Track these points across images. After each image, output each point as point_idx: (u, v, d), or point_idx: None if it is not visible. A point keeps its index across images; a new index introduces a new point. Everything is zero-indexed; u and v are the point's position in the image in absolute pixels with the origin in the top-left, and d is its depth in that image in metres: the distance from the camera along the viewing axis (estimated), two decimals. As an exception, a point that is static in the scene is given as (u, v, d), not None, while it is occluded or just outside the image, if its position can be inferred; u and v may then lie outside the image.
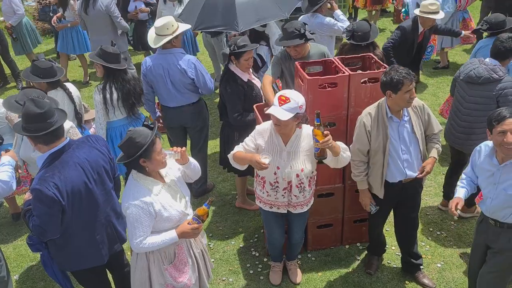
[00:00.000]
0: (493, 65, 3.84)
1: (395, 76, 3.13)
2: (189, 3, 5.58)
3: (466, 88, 3.96)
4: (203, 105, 4.76)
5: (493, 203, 2.93)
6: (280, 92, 3.03)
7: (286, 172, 3.18)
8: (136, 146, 2.62)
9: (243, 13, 4.59)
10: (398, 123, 3.34)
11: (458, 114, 4.08)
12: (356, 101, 3.63)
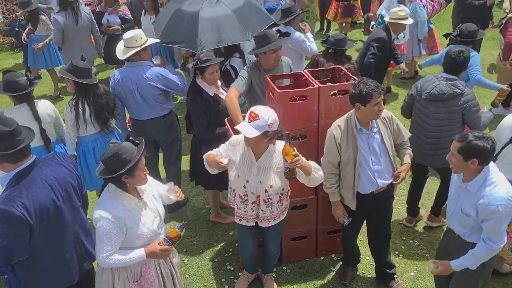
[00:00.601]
0: (452, 79, 3.89)
1: (364, 89, 3.16)
2: (161, 13, 5.55)
3: (429, 106, 3.96)
4: (174, 118, 4.73)
5: (451, 217, 3.01)
6: (252, 108, 3.03)
7: (255, 186, 3.17)
8: (121, 162, 2.60)
9: (205, 32, 4.55)
10: (367, 135, 3.38)
11: (423, 132, 4.07)
12: (326, 113, 3.67)
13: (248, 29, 4.52)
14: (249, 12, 4.64)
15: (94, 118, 4.17)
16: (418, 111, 4.10)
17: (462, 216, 2.91)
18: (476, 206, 2.77)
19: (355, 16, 9.13)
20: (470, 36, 4.81)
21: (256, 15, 4.67)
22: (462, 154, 2.71)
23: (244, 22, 4.56)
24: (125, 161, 2.59)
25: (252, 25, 4.58)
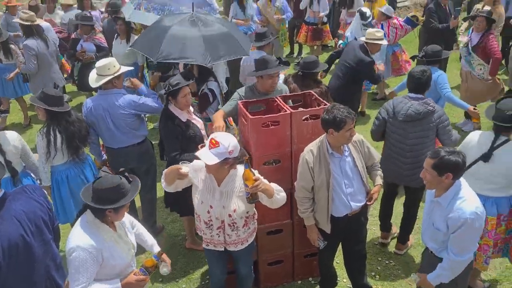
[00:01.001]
0: (422, 98, 4.02)
1: (338, 115, 3.22)
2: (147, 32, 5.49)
3: (406, 127, 4.04)
4: (148, 145, 4.70)
5: (424, 232, 3.10)
6: (213, 135, 3.04)
7: (219, 211, 3.16)
8: (118, 195, 2.62)
9: (168, 45, 4.58)
10: (339, 158, 3.44)
11: (401, 153, 4.13)
12: (298, 138, 3.71)
13: (211, 55, 4.55)
14: (220, 40, 4.67)
15: (66, 146, 4.12)
16: (392, 133, 4.17)
17: (434, 231, 2.99)
18: (447, 220, 2.87)
19: (324, 39, 9.33)
20: (435, 56, 5.01)
21: (227, 45, 4.70)
22: (436, 169, 2.82)
23: (210, 47, 4.59)
24: (121, 195, 2.61)
25: (217, 52, 4.61)
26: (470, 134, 3.74)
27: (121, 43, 6.74)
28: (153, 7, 5.78)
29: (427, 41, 7.12)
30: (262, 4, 8.29)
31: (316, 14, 8.95)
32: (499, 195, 3.57)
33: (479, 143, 3.59)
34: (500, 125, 3.45)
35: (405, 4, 12.93)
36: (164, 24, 4.78)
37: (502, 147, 3.45)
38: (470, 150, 3.60)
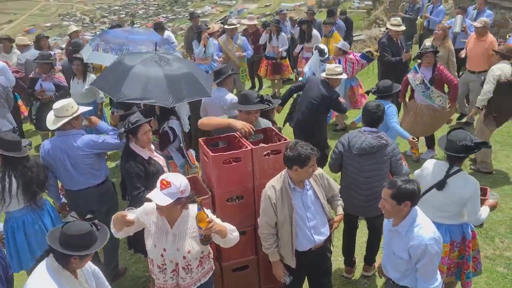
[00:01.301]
0: (376, 132, 4.15)
1: (303, 152, 3.27)
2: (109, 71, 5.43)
3: (361, 160, 4.15)
4: (109, 185, 4.61)
5: (386, 262, 3.15)
6: (163, 176, 2.99)
7: (173, 254, 3.09)
8: (88, 242, 2.59)
9: (130, 85, 4.54)
10: (301, 193, 3.48)
11: (358, 185, 4.22)
12: (260, 174, 3.74)
13: (173, 96, 4.55)
14: (183, 80, 4.69)
15: (22, 191, 3.99)
16: (348, 166, 4.27)
17: (395, 259, 3.04)
18: (408, 248, 2.93)
19: (283, 73, 9.57)
20: (387, 91, 5.26)
21: (190, 86, 4.73)
22: (395, 199, 2.90)
23: (172, 88, 4.57)
24: (90, 243, 2.58)
25: (180, 93, 4.59)
26: (425, 163, 3.87)
27: (78, 82, 6.70)
28: (111, 47, 5.80)
29: (383, 74, 7.45)
30: (223, 41, 8.45)
31: (275, 49, 9.20)
32: (451, 223, 3.69)
33: (433, 171, 3.71)
34: (453, 155, 3.58)
35: (361, 38, 13.49)
36: (126, 63, 4.78)
37: (455, 176, 3.58)
38: (425, 178, 3.73)
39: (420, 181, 3.75)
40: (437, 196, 3.63)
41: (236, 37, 8.55)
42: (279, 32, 9.26)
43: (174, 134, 4.82)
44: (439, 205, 3.63)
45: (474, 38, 7.38)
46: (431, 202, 3.65)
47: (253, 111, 4.19)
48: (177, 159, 4.91)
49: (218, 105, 5.40)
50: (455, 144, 3.52)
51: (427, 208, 3.68)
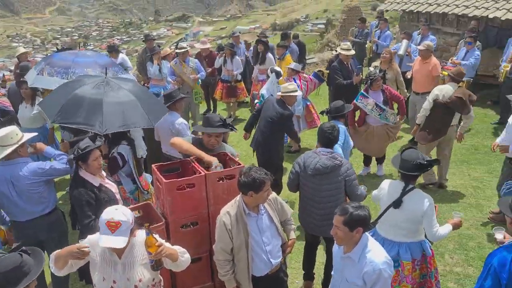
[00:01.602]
0: (330, 152, 4.24)
1: (257, 176, 3.28)
2: (51, 95, 5.32)
3: (316, 180, 4.21)
4: (58, 214, 4.43)
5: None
6: (106, 218, 2.81)
7: (124, 284, 2.97)
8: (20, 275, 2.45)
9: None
10: (256, 217, 3.47)
11: (314, 205, 4.27)
12: (215, 199, 3.72)
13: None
14: (125, 109, 4.59)
15: None
16: (305, 186, 4.32)
17: (349, 286, 3.06)
18: (362, 275, 2.95)
19: (238, 96, 9.64)
20: (339, 112, 5.41)
21: (130, 114, 4.64)
22: (347, 226, 2.93)
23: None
24: (23, 274, 2.44)
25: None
26: (382, 183, 3.97)
27: (26, 107, 6.47)
28: (57, 71, 5.67)
29: (335, 95, 7.65)
30: (176, 64, 8.44)
31: (230, 72, 9.27)
32: (411, 241, 3.78)
33: (389, 191, 3.81)
34: (408, 174, 3.69)
35: (314, 60, 13.86)
36: (70, 86, 4.68)
37: (410, 194, 3.69)
38: (382, 199, 3.83)
39: (378, 201, 3.87)
40: (395, 214, 3.72)
41: (189, 60, 8.56)
42: (233, 55, 9.35)
43: (123, 160, 4.73)
44: (398, 223, 3.72)
45: (419, 60, 7.76)
46: (390, 221, 3.74)
47: (214, 134, 4.20)
48: (127, 185, 4.80)
49: (168, 129, 5.36)
50: (409, 163, 3.64)
51: (387, 228, 3.79)
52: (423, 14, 10.90)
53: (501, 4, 9.49)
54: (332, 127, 4.35)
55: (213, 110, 10.36)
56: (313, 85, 7.83)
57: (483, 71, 9.67)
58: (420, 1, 11.03)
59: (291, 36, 10.83)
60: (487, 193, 6.23)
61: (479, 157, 7.43)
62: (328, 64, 9.16)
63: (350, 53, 7.58)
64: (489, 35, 9.66)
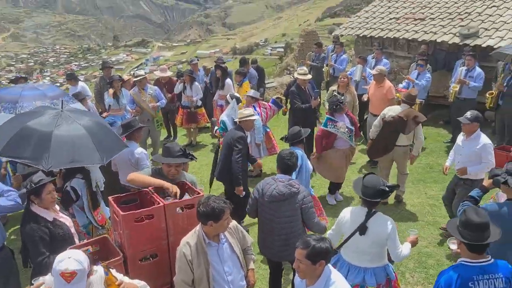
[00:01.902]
0: (288, 180, 4.26)
1: (216, 206, 3.24)
2: (5, 124, 5.09)
3: (273, 207, 4.21)
4: (8, 253, 4.20)
5: None
6: (60, 269, 2.67)
7: None
8: None
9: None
10: (217, 247, 3.42)
11: (272, 231, 4.26)
12: (175, 229, 3.65)
13: (103, 152, 4.34)
14: (103, 134, 4.52)
15: None
16: (263, 212, 4.32)
17: None
18: None
19: (199, 122, 9.62)
20: (296, 138, 5.47)
21: (111, 138, 4.56)
22: (310, 259, 2.91)
23: (99, 144, 4.38)
24: None
25: (107, 147, 4.43)
26: (342, 212, 3.96)
27: None
28: (4, 106, 5.48)
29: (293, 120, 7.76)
30: (135, 92, 8.35)
31: (189, 99, 9.25)
32: (376, 265, 3.81)
33: (352, 218, 3.83)
34: (371, 201, 3.73)
35: (273, 85, 14.05)
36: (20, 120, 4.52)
37: (373, 218, 3.74)
38: (345, 225, 3.84)
39: (340, 229, 3.87)
40: (360, 240, 3.74)
41: (148, 87, 8.50)
42: (193, 81, 9.36)
43: (76, 194, 4.59)
44: (363, 249, 3.75)
45: (374, 84, 8.04)
46: (354, 247, 3.77)
47: (174, 164, 4.16)
48: (80, 219, 4.64)
49: (126, 159, 5.27)
50: (372, 189, 3.69)
51: (352, 254, 3.80)
52: (376, 38, 11.33)
53: (448, 29, 10.01)
54: (291, 154, 4.39)
55: (173, 136, 10.28)
56: (272, 112, 7.93)
57: (434, 92, 10.09)
58: (373, 27, 11.48)
59: (249, 61, 10.97)
60: (443, 211, 6.40)
61: (434, 175, 7.68)
62: (286, 88, 9.32)
63: (307, 77, 7.73)
64: (438, 58, 10.13)
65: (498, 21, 9.65)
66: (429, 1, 11.64)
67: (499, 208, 3.53)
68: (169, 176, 4.19)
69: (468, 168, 5.33)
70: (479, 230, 2.96)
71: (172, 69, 43.27)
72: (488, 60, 9.26)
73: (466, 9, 10.58)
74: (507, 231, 3.16)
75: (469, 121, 5.26)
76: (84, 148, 4.28)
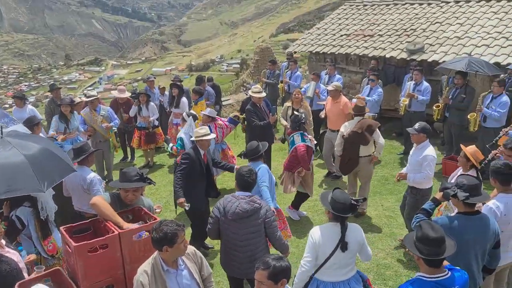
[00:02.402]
0: (249, 196, 4.26)
1: (168, 230, 3.17)
2: None
3: (236, 224, 4.20)
4: None
5: None
6: None
7: None
8: None
9: None
10: (175, 273, 3.34)
11: (236, 248, 4.25)
12: (131, 258, 3.55)
13: (44, 179, 4.12)
14: (45, 159, 4.29)
15: None
16: (226, 230, 4.28)
17: None
18: None
19: (157, 142, 9.47)
20: (254, 153, 5.47)
21: (54, 163, 4.35)
22: (271, 279, 2.92)
23: (39, 170, 4.12)
24: None
25: (48, 173, 4.20)
26: (312, 234, 3.85)
27: None
28: None
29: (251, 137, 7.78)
30: (86, 113, 8.13)
31: (145, 119, 9.10)
32: (353, 273, 3.90)
33: (326, 237, 3.76)
34: (343, 216, 3.73)
35: (229, 102, 14.08)
36: None
37: (348, 231, 3.76)
38: (323, 246, 3.75)
39: (316, 250, 3.75)
40: (341, 256, 3.74)
41: (100, 108, 8.30)
42: (148, 101, 9.23)
43: (22, 224, 4.39)
44: (345, 262, 3.78)
45: (330, 100, 8.20)
46: (336, 265, 3.76)
47: (132, 189, 4.07)
48: (28, 248, 4.42)
49: (79, 184, 5.11)
50: (344, 205, 3.72)
51: (334, 272, 3.79)
52: (329, 54, 11.62)
53: (395, 45, 10.41)
54: (250, 171, 4.39)
55: (130, 157, 10.06)
56: (229, 130, 7.95)
57: (386, 106, 10.43)
58: (325, 43, 11.77)
59: (205, 79, 10.96)
60: (400, 222, 6.58)
61: (390, 187, 7.89)
62: (240, 106, 9.35)
63: (262, 95, 7.80)
64: (387, 73, 10.49)
65: (442, 37, 10.13)
66: (377, 19, 12.09)
67: (450, 222, 3.65)
68: (127, 201, 4.08)
69: (408, 175, 5.60)
70: (436, 245, 3.04)
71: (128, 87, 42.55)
72: (434, 74, 9.69)
73: (411, 25, 11.06)
74: (458, 244, 3.26)
75: (416, 132, 5.53)
76: (21, 175, 4.02)
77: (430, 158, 5.46)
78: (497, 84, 7.49)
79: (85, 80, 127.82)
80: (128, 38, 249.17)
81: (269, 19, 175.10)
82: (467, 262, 3.62)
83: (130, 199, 4.07)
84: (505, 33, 9.46)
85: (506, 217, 4.00)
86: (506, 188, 4.08)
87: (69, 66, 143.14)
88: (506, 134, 6.52)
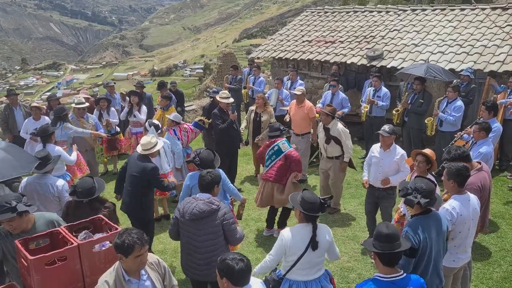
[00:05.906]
0: (208, 198, 4.25)
1: (127, 240, 3.11)
2: None
3: (194, 225, 4.18)
4: None
5: None
6: None
7: None
8: None
9: None
10: (137, 284, 3.26)
11: (196, 250, 4.22)
12: (91, 270, 3.44)
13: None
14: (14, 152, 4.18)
15: None
16: (185, 231, 4.27)
17: None
18: None
19: (120, 148, 9.26)
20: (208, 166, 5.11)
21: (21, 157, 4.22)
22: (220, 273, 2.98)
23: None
24: None
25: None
26: (282, 235, 3.90)
27: None
28: None
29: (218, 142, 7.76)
30: (74, 120, 7.95)
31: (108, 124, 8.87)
32: (322, 272, 3.97)
33: (297, 238, 3.82)
34: (314, 215, 3.83)
35: (192, 108, 13.97)
36: None
37: (318, 231, 3.83)
38: (294, 247, 3.81)
39: (285, 252, 3.84)
40: (312, 255, 3.81)
41: (87, 116, 8.14)
42: (109, 107, 9.03)
43: None
44: (315, 261, 3.86)
45: (295, 105, 8.27)
46: (307, 264, 3.83)
47: (5, 220, 3.65)
48: None
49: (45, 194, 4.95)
50: (314, 204, 3.80)
51: (305, 272, 3.86)
52: (291, 60, 11.76)
53: (356, 51, 10.65)
54: (208, 172, 4.41)
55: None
56: (194, 134, 7.87)
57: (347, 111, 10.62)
58: (287, 49, 11.90)
59: (167, 85, 10.81)
60: (362, 224, 6.70)
61: (352, 191, 8.03)
62: (202, 111, 9.25)
63: (230, 101, 7.77)
64: (348, 79, 10.71)
65: (400, 44, 10.45)
66: (338, 26, 12.34)
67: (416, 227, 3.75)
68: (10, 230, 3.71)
69: (391, 178, 5.75)
70: (388, 240, 3.20)
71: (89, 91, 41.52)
72: (393, 80, 9.98)
73: (371, 32, 11.35)
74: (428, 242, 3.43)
75: (388, 134, 5.74)
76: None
77: (405, 155, 5.77)
78: (452, 89, 7.79)
79: (42, 85, 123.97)
80: (88, 42, 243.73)
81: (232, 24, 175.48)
82: (436, 259, 3.78)
83: (8, 230, 3.68)
84: (459, 40, 9.86)
85: (462, 217, 4.15)
86: (460, 190, 4.23)
87: (26, 71, 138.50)
88: (461, 138, 6.77)
